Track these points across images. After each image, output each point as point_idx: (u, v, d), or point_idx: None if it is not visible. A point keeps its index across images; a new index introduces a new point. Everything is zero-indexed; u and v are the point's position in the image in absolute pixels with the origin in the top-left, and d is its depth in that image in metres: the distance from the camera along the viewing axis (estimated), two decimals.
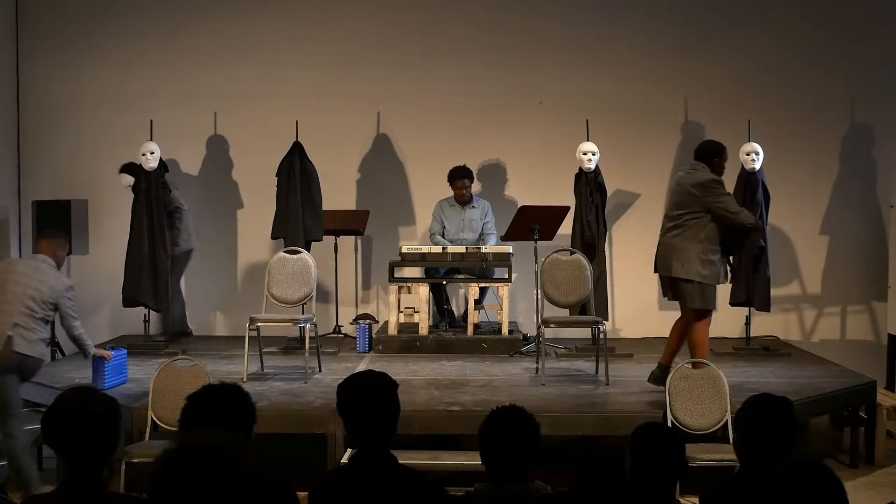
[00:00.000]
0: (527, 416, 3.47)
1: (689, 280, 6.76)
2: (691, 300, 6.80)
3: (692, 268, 6.74)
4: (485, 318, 8.98)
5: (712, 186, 6.78)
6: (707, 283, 6.77)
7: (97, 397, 3.05)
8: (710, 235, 6.76)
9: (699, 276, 6.74)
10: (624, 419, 6.42)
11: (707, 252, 6.74)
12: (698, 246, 6.74)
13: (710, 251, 6.75)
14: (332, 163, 9.41)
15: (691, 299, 6.80)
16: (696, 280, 6.75)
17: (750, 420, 3.50)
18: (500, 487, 3.40)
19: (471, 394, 7.10)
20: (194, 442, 2.41)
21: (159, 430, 6.32)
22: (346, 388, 3.39)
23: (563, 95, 9.71)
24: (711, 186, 6.78)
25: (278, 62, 9.73)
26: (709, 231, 6.76)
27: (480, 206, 9.27)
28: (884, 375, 8.99)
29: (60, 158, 9.69)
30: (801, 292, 9.77)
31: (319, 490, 3.24)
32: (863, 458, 7.49)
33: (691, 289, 6.78)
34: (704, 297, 6.80)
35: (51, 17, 9.80)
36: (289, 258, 7.90)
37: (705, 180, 6.79)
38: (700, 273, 6.74)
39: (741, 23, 9.73)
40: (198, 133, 9.80)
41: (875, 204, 9.71)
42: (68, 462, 2.92)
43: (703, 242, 6.75)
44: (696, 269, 6.73)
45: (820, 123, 9.73)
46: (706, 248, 6.74)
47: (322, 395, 6.96)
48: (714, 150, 6.98)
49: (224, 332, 9.51)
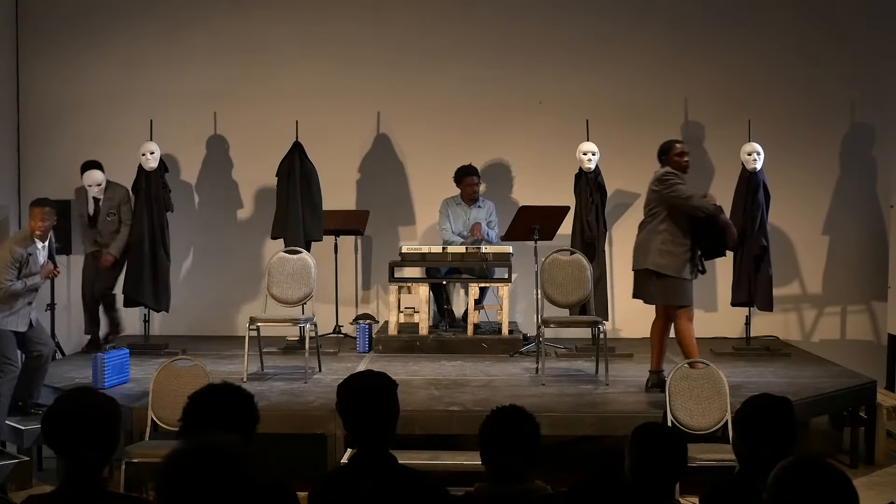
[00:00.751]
0: (527, 417, 3.47)
1: (645, 269, 6.87)
2: (655, 296, 6.94)
3: (650, 258, 6.86)
4: (485, 318, 8.97)
5: (666, 178, 6.88)
6: (670, 276, 6.80)
7: (97, 398, 3.05)
8: (670, 227, 6.84)
9: (655, 266, 6.83)
10: (624, 419, 6.43)
11: (667, 243, 6.82)
12: (658, 237, 6.85)
13: (669, 242, 6.82)
14: (332, 163, 9.42)
15: (654, 294, 6.94)
16: (653, 269, 6.83)
17: (750, 420, 3.50)
18: (500, 487, 3.39)
19: (471, 394, 7.10)
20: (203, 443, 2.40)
21: (159, 430, 6.32)
22: (346, 388, 3.39)
23: (563, 95, 9.71)
24: (665, 178, 6.89)
25: (278, 62, 9.73)
26: (668, 223, 6.85)
27: (486, 206, 9.27)
28: (884, 375, 9.00)
29: (60, 158, 9.68)
30: (801, 292, 9.77)
31: (319, 490, 3.24)
32: (863, 458, 7.49)
33: (651, 281, 6.88)
34: (669, 292, 6.86)
35: (51, 17, 9.80)
36: (289, 258, 7.90)
37: (660, 174, 6.93)
38: (657, 262, 6.83)
39: (741, 23, 9.73)
40: (198, 133, 9.80)
41: (875, 204, 9.71)
42: (68, 462, 2.92)
43: (663, 234, 6.84)
44: (654, 259, 6.84)
45: (820, 123, 9.74)
46: (665, 239, 6.83)
47: (322, 395, 6.96)
48: (664, 149, 7.07)
49: (224, 332, 9.51)
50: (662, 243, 6.82)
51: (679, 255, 6.81)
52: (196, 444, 2.38)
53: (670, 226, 6.83)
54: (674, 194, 6.81)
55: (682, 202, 6.80)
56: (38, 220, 7.07)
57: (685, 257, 6.82)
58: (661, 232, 6.84)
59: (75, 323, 9.36)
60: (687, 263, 6.83)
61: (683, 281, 6.85)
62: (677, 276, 6.82)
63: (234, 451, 2.37)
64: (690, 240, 6.84)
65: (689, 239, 6.83)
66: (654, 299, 7.00)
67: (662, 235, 6.83)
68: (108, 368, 7.23)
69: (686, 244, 6.83)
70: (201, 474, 2.31)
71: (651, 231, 6.91)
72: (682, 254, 6.82)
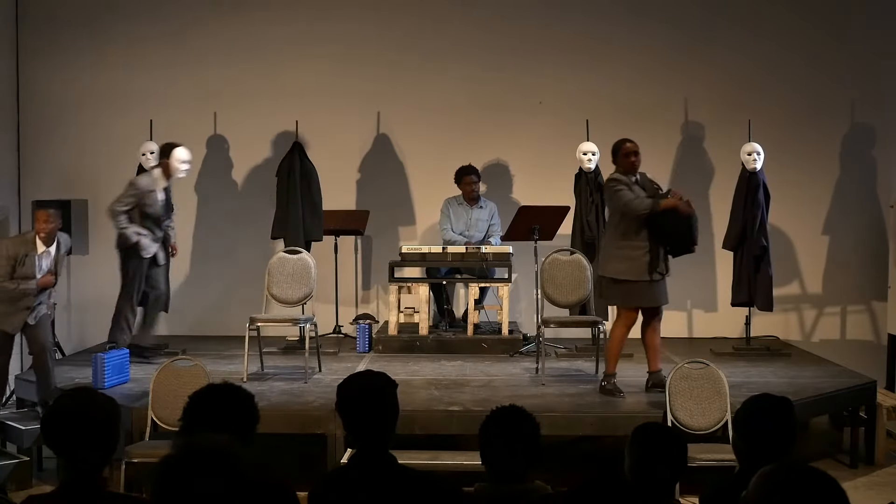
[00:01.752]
0: (527, 417, 3.47)
1: (605, 276, 6.96)
2: (613, 298, 7.05)
3: (609, 265, 6.94)
4: (485, 318, 8.98)
5: (610, 185, 6.96)
6: (624, 280, 6.84)
7: (96, 399, 3.04)
8: (626, 231, 6.86)
9: (614, 272, 6.89)
10: (624, 419, 6.43)
11: (624, 248, 6.86)
12: (615, 243, 6.92)
13: (627, 247, 6.85)
14: (332, 163, 9.42)
15: (612, 297, 7.05)
16: (610, 276, 6.90)
17: (750, 420, 3.50)
18: (500, 488, 3.39)
19: (471, 394, 7.10)
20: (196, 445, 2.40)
21: (159, 430, 6.32)
22: (346, 388, 3.38)
23: (563, 95, 9.71)
24: (609, 185, 6.97)
25: (278, 62, 9.73)
26: (623, 228, 6.87)
27: (488, 207, 9.27)
28: (884, 375, 8.99)
29: (60, 158, 9.69)
30: (801, 292, 9.77)
31: (319, 490, 3.24)
32: (863, 458, 7.48)
33: (610, 286, 6.95)
34: (623, 295, 6.92)
35: (51, 17, 9.79)
36: (289, 258, 7.91)
37: (606, 181, 7.04)
38: (616, 269, 6.88)
39: (741, 23, 9.73)
40: (198, 133, 9.79)
41: (875, 204, 9.71)
42: (68, 463, 2.92)
43: (619, 239, 6.89)
44: (613, 266, 6.91)
45: (820, 123, 9.74)
46: (622, 245, 6.87)
47: (322, 395, 6.96)
48: (614, 150, 7.10)
49: (224, 332, 9.50)
50: (620, 248, 6.87)
51: (638, 259, 6.83)
52: (188, 446, 2.37)
53: (626, 230, 6.87)
54: (618, 200, 6.85)
55: (625, 209, 6.83)
56: (41, 221, 7.09)
57: (645, 259, 6.82)
58: (618, 237, 6.90)
59: (75, 323, 9.36)
60: (647, 266, 6.83)
61: (641, 284, 6.85)
62: (638, 279, 6.84)
63: (225, 451, 2.36)
64: (648, 241, 6.83)
65: (646, 240, 6.82)
66: (615, 300, 7.12)
67: (619, 241, 6.89)
68: (108, 368, 7.24)
69: (644, 246, 6.83)
70: (194, 476, 2.30)
71: (609, 237, 7.02)
72: (640, 256, 6.83)
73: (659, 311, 7.02)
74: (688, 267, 9.43)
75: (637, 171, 6.96)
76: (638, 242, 6.82)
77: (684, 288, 9.69)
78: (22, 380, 7.60)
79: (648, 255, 6.82)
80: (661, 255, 6.87)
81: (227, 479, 2.31)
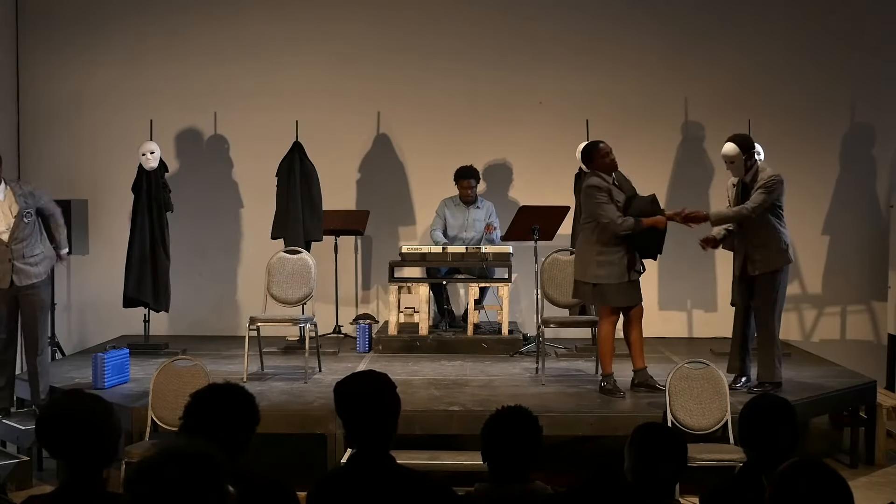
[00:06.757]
0: (531, 417, 3.47)
1: (587, 282, 6.95)
2: (596, 299, 7.04)
3: (589, 270, 6.93)
4: (485, 318, 8.98)
5: (590, 194, 6.89)
6: (606, 283, 6.86)
7: (87, 400, 3.03)
8: (602, 237, 6.86)
9: (595, 278, 6.90)
10: (624, 419, 6.43)
11: (602, 253, 6.87)
12: (593, 248, 6.90)
13: (604, 252, 6.86)
14: (332, 163, 9.42)
15: (595, 299, 7.05)
16: (592, 282, 6.91)
17: (752, 422, 3.50)
18: (500, 488, 3.39)
19: (471, 394, 7.10)
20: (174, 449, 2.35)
21: (159, 430, 6.32)
22: (344, 389, 3.38)
23: (564, 95, 9.71)
24: (589, 194, 6.90)
25: (278, 62, 9.73)
26: (599, 234, 6.87)
27: (485, 206, 9.27)
28: (884, 375, 8.99)
29: (60, 158, 9.69)
30: (801, 292, 9.76)
31: (319, 490, 3.24)
32: (863, 458, 7.48)
33: (591, 290, 6.96)
34: (605, 296, 6.92)
35: (51, 16, 9.80)
36: (289, 258, 7.91)
37: (585, 187, 6.97)
38: (597, 274, 6.89)
39: (741, 23, 9.73)
40: (198, 133, 9.80)
41: (875, 204, 9.71)
42: (67, 464, 2.92)
43: (596, 245, 6.88)
44: (593, 272, 6.90)
45: (820, 123, 9.74)
46: (600, 251, 6.87)
47: (322, 395, 6.95)
48: (588, 153, 7.08)
49: (224, 332, 9.51)
50: (599, 254, 6.87)
51: (617, 262, 6.85)
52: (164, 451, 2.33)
53: (601, 235, 6.87)
54: (600, 213, 6.82)
55: (608, 227, 6.80)
56: None
57: (623, 262, 6.86)
58: (594, 243, 6.89)
59: (75, 323, 9.36)
60: (626, 267, 6.86)
61: (622, 284, 6.88)
62: (618, 281, 6.86)
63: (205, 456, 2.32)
64: (625, 244, 6.86)
65: (622, 244, 6.86)
66: (596, 302, 7.12)
67: (597, 247, 6.88)
68: (108, 368, 7.23)
69: (621, 249, 6.86)
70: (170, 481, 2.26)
71: (586, 241, 6.96)
72: (619, 260, 6.85)
73: (640, 308, 7.02)
74: (688, 267, 9.50)
75: (615, 169, 6.96)
76: (616, 248, 6.86)
77: (684, 288, 9.72)
78: (21, 380, 7.60)
79: (626, 256, 6.87)
80: (636, 254, 6.95)
81: (203, 484, 2.26)
